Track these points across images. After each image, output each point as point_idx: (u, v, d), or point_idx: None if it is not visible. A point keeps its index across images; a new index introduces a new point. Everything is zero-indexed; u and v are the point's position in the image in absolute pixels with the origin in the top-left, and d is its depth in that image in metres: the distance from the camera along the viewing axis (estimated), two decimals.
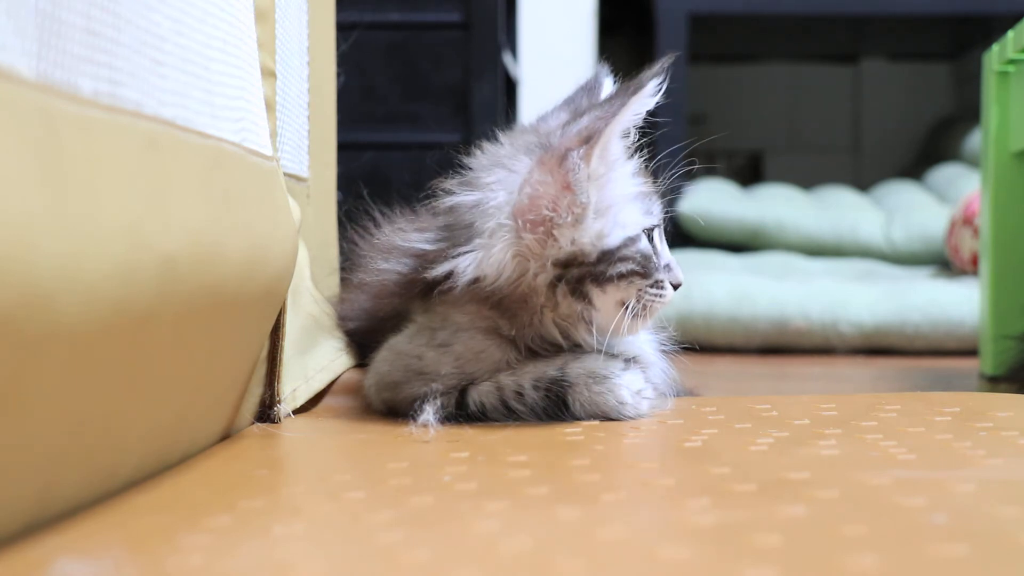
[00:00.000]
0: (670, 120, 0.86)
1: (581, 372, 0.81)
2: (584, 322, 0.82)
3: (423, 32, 1.86)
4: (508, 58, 2.05)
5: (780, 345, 1.74)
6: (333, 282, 1.16)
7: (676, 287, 0.84)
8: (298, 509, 0.59)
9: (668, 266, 0.83)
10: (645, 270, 0.81)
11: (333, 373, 1.00)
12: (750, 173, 3.12)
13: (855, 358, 1.67)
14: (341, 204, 1.24)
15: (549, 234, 0.79)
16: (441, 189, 0.84)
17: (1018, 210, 1.35)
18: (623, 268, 0.80)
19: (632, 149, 0.84)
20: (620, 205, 0.81)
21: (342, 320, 1.03)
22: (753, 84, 3.14)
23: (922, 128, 3.01)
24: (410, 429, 0.79)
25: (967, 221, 1.85)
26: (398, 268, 0.85)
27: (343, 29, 1.30)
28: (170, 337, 0.60)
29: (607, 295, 0.81)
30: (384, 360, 0.87)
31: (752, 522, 0.52)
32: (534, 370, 0.82)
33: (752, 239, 2.21)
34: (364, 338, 0.97)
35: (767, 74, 3.15)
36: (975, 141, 2.38)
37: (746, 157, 3.16)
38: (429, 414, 0.80)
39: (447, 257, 0.80)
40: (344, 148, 1.30)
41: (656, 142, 0.86)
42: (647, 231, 0.82)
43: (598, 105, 0.82)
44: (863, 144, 3.13)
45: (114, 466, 0.58)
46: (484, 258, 0.79)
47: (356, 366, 1.04)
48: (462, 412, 0.82)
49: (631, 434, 0.77)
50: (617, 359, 0.83)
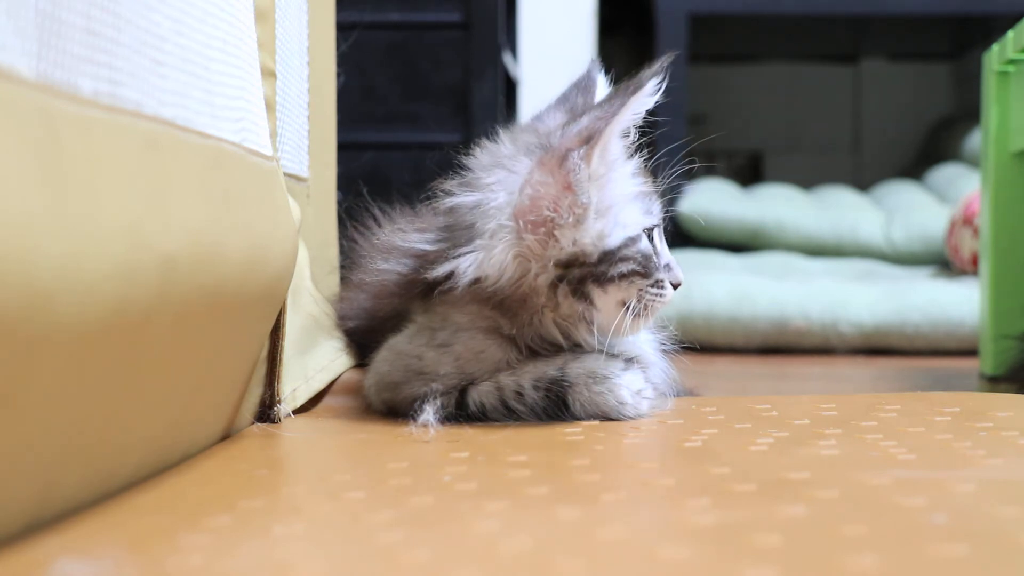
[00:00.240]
0: (670, 120, 0.86)
1: (581, 372, 0.81)
2: (585, 322, 0.82)
3: (423, 32, 1.86)
4: (508, 58, 2.05)
5: (780, 345, 1.74)
6: (333, 281, 1.16)
7: (676, 287, 0.84)
8: (298, 509, 0.59)
9: (668, 266, 0.84)
10: (646, 270, 0.81)
11: (333, 373, 1.00)
12: (750, 173, 3.12)
13: (855, 358, 1.67)
14: (341, 203, 1.24)
15: (550, 235, 0.79)
16: (441, 190, 0.84)
17: (1018, 210, 1.35)
18: (624, 268, 0.80)
19: (632, 149, 0.84)
20: (621, 205, 0.81)
21: (342, 319, 1.03)
22: (753, 84, 3.14)
23: (922, 128, 3.01)
24: (410, 429, 0.79)
25: (967, 221, 1.85)
26: (398, 268, 0.86)
27: (343, 29, 1.30)
28: (170, 337, 0.60)
29: (608, 295, 0.81)
30: (384, 360, 0.87)
31: (752, 522, 0.52)
32: (534, 370, 0.82)
33: (752, 239, 2.21)
34: (364, 337, 0.97)
35: (767, 74, 3.15)
36: (975, 141, 2.38)
37: (746, 157, 3.16)
38: (429, 414, 0.80)
39: (448, 257, 0.80)
40: (344, 148, 1.30)
41: (656, 142, 0.86)
42: (647, 231, 0.82)
43: (598, 105, 0.82)
44: (863, 144, 3.13)
45: (114, 466, 0.58)
46: (485, 259, 0.79)
47: (356, 366, 1.04)
48: (462, 412, 0.82)
49: (631, 434, 0.77)
50: (617, 359, 0.83)
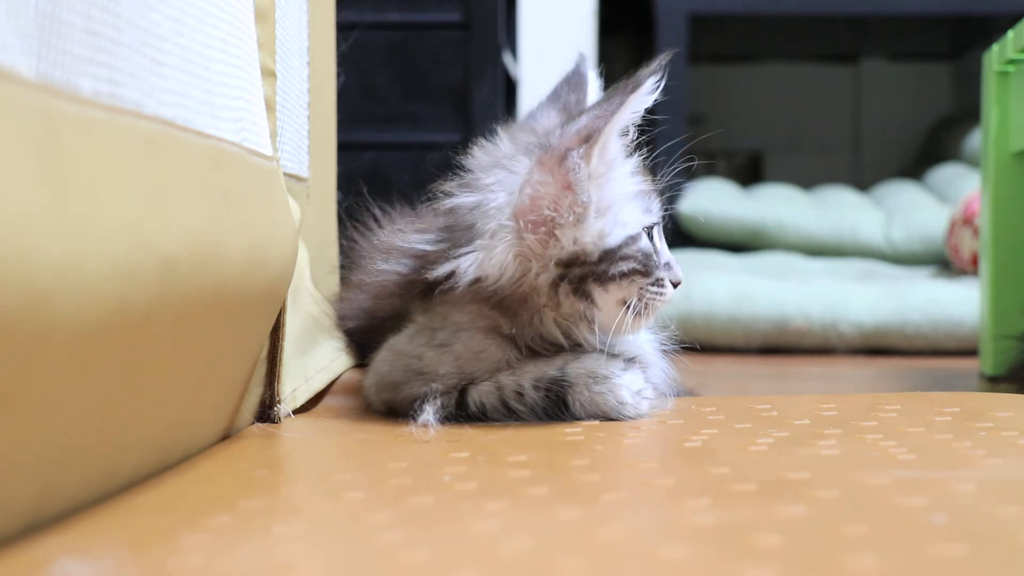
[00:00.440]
0: (670, 120, 0.86)
1: (581, 372, 0.81)
2: (586, 321, 0.82)
3: (423, 32, 1.86)
4: (508, 58, 2.05)
5: (780, 345, 1.74)
6: (333, 281, 1.16)
7: (676, 285, 0.84)
8: (298, 509, 0.59)
9: (668, 264, 0.84)
10: (646, 268, 0.81)
11: (333, 373, 1.00)
12: (750, 173, 3.12)
13: (855, 358, 1.67)
14: (341, 203, 1.24)
15: (551, 234, 0.79)
16: (441, 191, 0.84)
17: (1018, 210, 1.35)
18: (625, 267, 0.80)
19: (631, 147, 0.84)
20: (620, 204, 0.81)
21: (342, 319, 1.03)
22: (753, 84, 3.14)
23: (922, 128, 3.01)
24: (410, 429, 0.79)
25: (967, 221, 1.85)
26: (398, 269, 0.86)
27: (343, 29, 1.30)
28: (170, 337, 0.60)
29: (609, 294, 0.81)
30: (384, 360, 0.87)
31: (752, 522, 0.52)
32: (534, 370, 0.82)
33: (752, 239, 2.21)
34: (364, 337, 0.97)
35: (767, 74, 3.15)
36: (975, 141, 2.38)
37: (746, 157, 3.16)
38: (429, 414, 0.80)
39: (448, 258, 0.80)
40: (344, 148, 1.30)
41: (655, 140, 0.86)
42: (647, 229, 0.82)
43: (596, 104, 0.82)
44: (863, 144, 3.13)
45: (114, 466, 0.58)
46: (486, 259, 0.79)
47: (356, 366, 1.04)
48: (462, 412, 0.82)
49: (631, 434, 0.77)
50: (617, 359, 0.83)
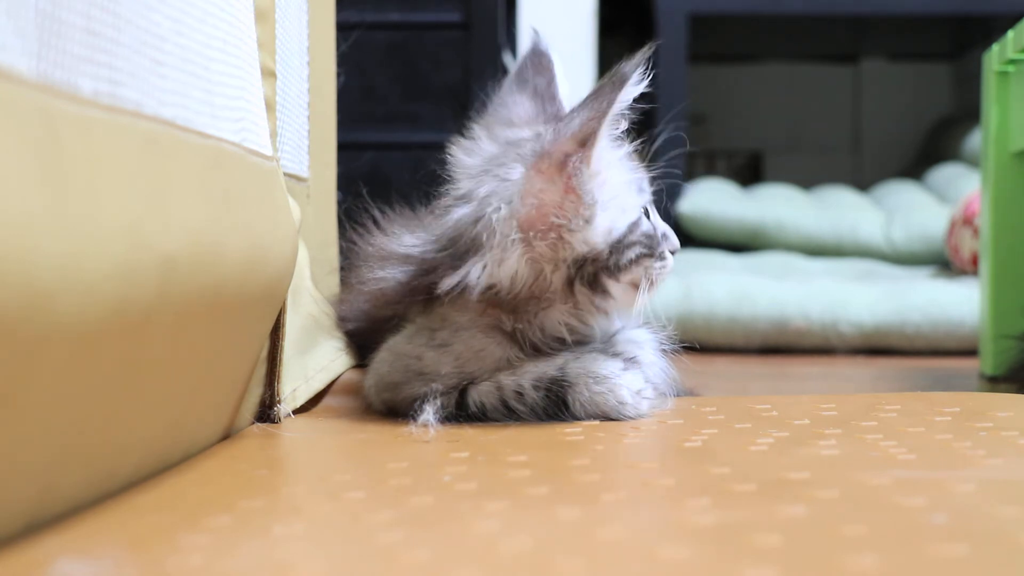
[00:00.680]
0: (670, 120, 0.86)
1: (581, 372, 0.81)
2: (601, 311, 0.83)
3: (423, 32, 1.86)
4: (508, 58, 2.05)
5: (780, 345, 1.74)
6: (333, 282, 1.16)
7: (674, 253, 0.85)
8: (298, 509, 0.59)
9: (664, 235, 0.85)
10: (651, 249, 0.83)
11: (333, 373, 1.00)
12: (750, 173, 3.12)
13: (855, 358, 1.67)
14: (341, 204, 1.23)
15: (560, 239, 0.79)
16: (438, 207, 0.84)
17: (1018, 210, 1.35)
18: (632, 253, 0.82)
19: (621, 135, 0.84)
20: (620, 194, 0.81)
21: (341, 321, 1.03)
22: (753, 84, 3.14)
23: (922, 128, 3.01)
24: (410, 429, 0.79)
25: (967, 221, 1.85)
26: (397, 276, 0.85)
27: (343, 29, 1.30)
28: (170, 337, 0.60)
29: (621, 282, 0.82)
30: (384, 361, 0.87)
31: (752, 522, 0.52)
32: (534, 370, 0.82)
33: (752, 239, 2.21)
34: (363, 339, 0.97)
35: (767, 74, 3.15)
36: (975, 141, 2.38)
37: (746, 157, 3.16)
38: (429, 414, 0.80)
39: (454, 267, 0.80)
40: (344, 148, 1.30)
41: (647, 125, 0.86)
42: (643, 209, 0.83)
43: (586, 102, 0.80)
44: (863, 144, 3.13)
45: (114, 466, 0.58)
46: (497, 267, 0.79)
47: (356, 366, 1.04)
48: (462, 412, 0.82)
49: (631, 434, 0.77)
50: (617, 359, 0.83)
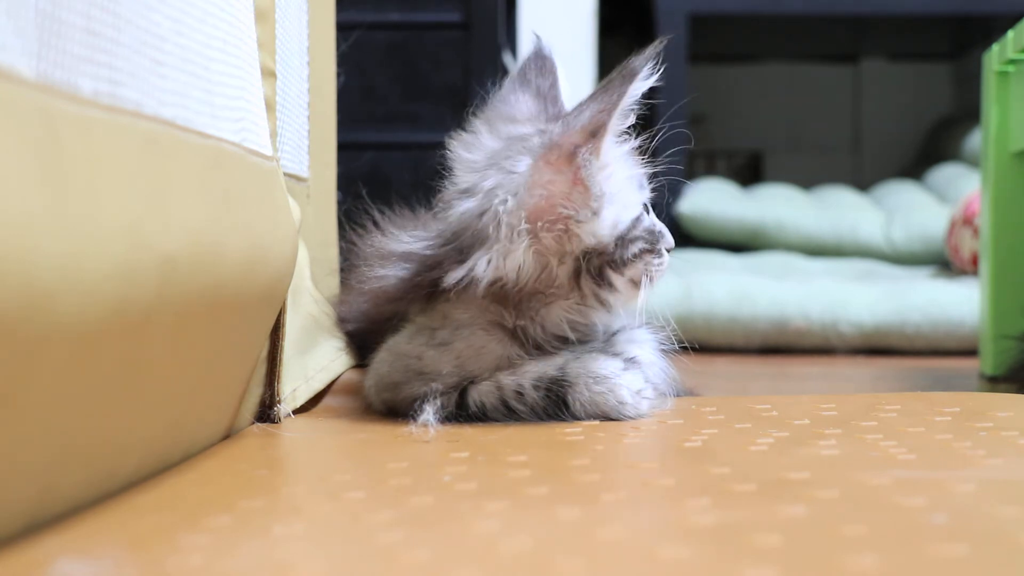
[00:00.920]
0: (669, 120, 0.86)
1: (581, 372, 0.81)
2: (603, 306, 0.83)
3: (423, 32, 1.86)
4: (508, 58, 2.05)
5: (780, 345, 1.74)
6: (333, 282, 1.16)
7: (669, 251, 0.85)
8: (298, 509, 0.59)
9: (661, 232, 0.85)
10: (652, 245, 0.83)
11: (333, 373, 1.00)
12: (750, 173, 3.12)
13: (855, 358, 1.67)
14: (341, 205, 1.23)
15: (567, 231, 0.79)
16: (440, 201, 0.84)
17: (1018, 210, 1.35)
18: (635, 248, 0.82)
19: (626, 131, 0.84)
20: (624, 189, 0.82)
21: (341, 322, 1.03)
22: (753, 84, 3.14)
23: (922, 128, 3.01)
24: (410, 429, 0.79)
25: (967, 221, 1.85)
26: (398, 273, 0.85)
27: (343, 29, 1.30)
28: (170, 337, 0.60)
29: (624, 276, 0.82)
30: (384, 361, 0.87)
31: (752, 522, 0.52)
32: (534, 370, 0.82)
33: (752, 239, 2.21)
34: (363, 339, 0.97)
35: (767, 74, 3.15)
36: (975, 141, 2.38)
37: (746, 157, 3.16)
38: (429, 414, 0.80)
39: (458, 261, 0.80)
40: (344, 148, 1.30)
41: (647, 125, 0.86)
42: (644, 205, 0.83)
43: (595, 96, 0.81)
44: (863, 144, 3.13)
45: (114, 466, 0.58)
46: (503, 260, 0.79)
47: (356, 366, 1.04)
48: (462, 412, 0.82)
49: (631, 434, 0.77)
50: (617, 359, 0.83)
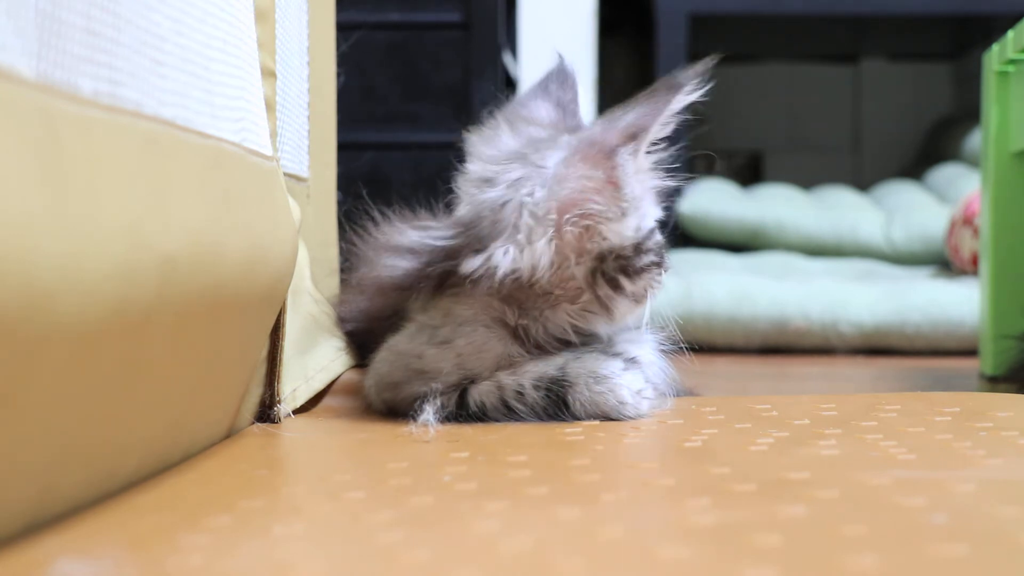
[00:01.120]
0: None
1: (581, 372, 0.81)
2: (608, 313, 0.83)
3: (423, 32, 1.86)
4: (508, 58, 2.05)
5: (780, 345, 1.74)
6: (333, 282, 1.16)
7: (666, 271, 0.85)
8: (298, 509, 0.59)
9: (666, 249, 0.85)
10: (661, 260, 0.83)
11: (333, 373, 1.00)
12: (750, 173, 3.12)
13: (855, 358, 1.67)
14: (340, 205, 1.23)
15: (592, 228, 0.79)
16: (457, 189, 0.84)
17: (1018, 210, 1.35)
18: (647, 260, 0.82)
19: (656, 144, 0.84)
20: (647, 199, 0.83)
21: (341, 322, 1.03)
22: (753, 84, 3.14)
23: (922, 128, 3.01)
24: (410, 429, 0.79)
25: (967, 221, 1.85)
26: (406, 264, 0.84)
27: (343, 29, 1.30)
28: (170, 337, 0.60)
29: (635, 285, 0.82)
30: (384, 360, 0.87)
31: (752, 522, 0.52)
32: (534, 369, 0.82)
33: (752, 239, 2.21)
34: (363, 340, 0.97)
35: (767, 74, 3.15)
36: (975, 141, 2.38)
37: (746, 157, 3.16)
38: (429, 414, 0.80)
39: (477, 250, 0.79)
40: (344, 148, 1.30)
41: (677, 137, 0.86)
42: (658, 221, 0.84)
43: (639, 102, 0.81)
44: (863, 144, 3.13)
45: (114, 466, 0.58)
46: (522, 253, 0.79)
47: (356, 366, 1.04)
48: (462, 412, 0.82)
49: (631, 434, 0.77)
50: (617, 359, 0.83)
